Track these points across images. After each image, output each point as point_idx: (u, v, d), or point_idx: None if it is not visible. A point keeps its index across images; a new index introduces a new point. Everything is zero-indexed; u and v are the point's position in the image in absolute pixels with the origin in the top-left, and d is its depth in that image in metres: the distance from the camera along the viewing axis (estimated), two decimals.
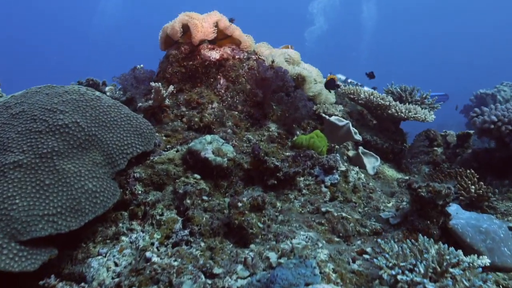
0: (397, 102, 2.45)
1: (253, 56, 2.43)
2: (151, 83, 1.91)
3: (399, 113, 2.36)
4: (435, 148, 3.05)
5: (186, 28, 2.27)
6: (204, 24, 2.16)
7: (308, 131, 2.29)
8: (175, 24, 2.21)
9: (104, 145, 1.63)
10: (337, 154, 1.96)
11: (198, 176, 1.71)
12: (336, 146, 2.08)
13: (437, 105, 2.98)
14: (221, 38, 2.34)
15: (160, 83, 1.92)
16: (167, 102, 2.20)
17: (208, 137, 1.88)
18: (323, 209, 1.70)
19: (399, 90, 2.92)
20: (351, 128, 2.13)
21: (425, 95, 2.92)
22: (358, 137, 2.19)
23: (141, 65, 2.96)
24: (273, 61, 2.23)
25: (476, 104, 7.64)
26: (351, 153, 2.38)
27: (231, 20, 3.86)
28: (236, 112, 2.16)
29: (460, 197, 2.03)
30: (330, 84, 2.40)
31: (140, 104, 2.08)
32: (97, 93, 1.83)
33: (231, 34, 2.29)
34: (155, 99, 1.97)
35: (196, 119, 2.09)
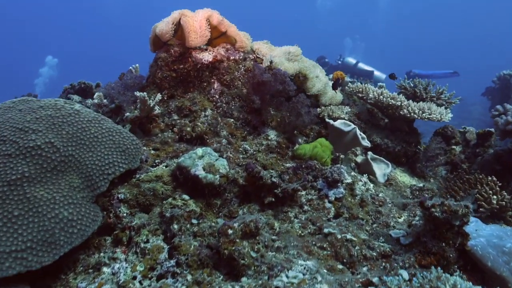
0: (410, 101, 2.27)
1: (250, 56, 2.28)
2: (135, 92, 1.78)
3: (412, 113, 2.18)
4: (453, 147, 2.86)
5: (176, 27, 2.13)
6: (196, 25, 2.02)
7: (311, 137, 2.14)
8: (164, 24, 2.07)
9: (83, 166, 1.53)
10: (342, 166, 1.82)
11: (186, 197, 1.60)
12: (341, 156, 1.93)
13: (454, 100, 2.78)
14: (215, 37, 2.19)
15: (145, 93, 1.79)
16: (157, 109, 2.08)
17: (200, 151, 1.76)
18: (326, 230, 1.56)
19: (412, 85, 2.73)
20: (358, 133, 1.97)
21: (441, 89, 2.72)
22: (366, 142, 2.03)
23: (137, 65, 2.84)
24: (271, 62, 2.07)
25: (500, 87, 7.30)
26: (359, 159, 2.23)
27: None
28: (232, 120, 2.03)
29: (480, 209, 1.87)
30: (336, 85, 2.24)
31: (127, 114, 1.96)
32: (77, 106, 1.72)
33: (225, 30, 2.14)
34: (142, 110, 1.85)
35: (188, 129, 1.97)
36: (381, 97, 2.24)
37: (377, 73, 6.92)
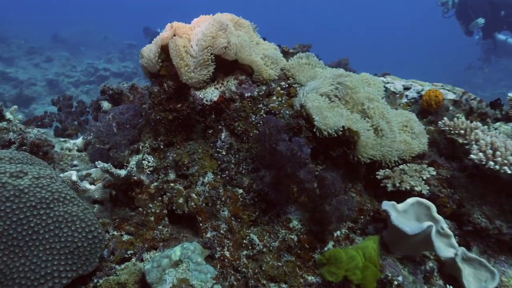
0: None
1: (282, 84, 1.72)
2: (96, 163, 1.43)
3: None
4: None
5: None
6: (192, 50, 1.53)
7: (360, 224, 1.55)
8: (149, 50, 1.64)
9: (9, 282, 1.27)
10: None
11: None
12: (397, 281, 1.32)
13: None
14: (225, 61, 1.67)
15: (109, 164, 1.43)
16: (150, 162, 1.72)
17: (177, 252, 1.38)
18: None
19: None
20: (434, 235, 1.33)
21: None
22: (448, 251, 1.39)
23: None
24: (302, 106, 1.50)
25: None
26: (445, 254, 1.57)
27: None
28: (240, 191, 1.56)
29: None
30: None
31: (106, 176, 1.65)
32: (25, 180, 1.45)
33: (232, 60, 1.61)
34: (115, 179, 1.51)
35: (180, 201, 1.59)
36: (491, 163, 1.48)
37: None
